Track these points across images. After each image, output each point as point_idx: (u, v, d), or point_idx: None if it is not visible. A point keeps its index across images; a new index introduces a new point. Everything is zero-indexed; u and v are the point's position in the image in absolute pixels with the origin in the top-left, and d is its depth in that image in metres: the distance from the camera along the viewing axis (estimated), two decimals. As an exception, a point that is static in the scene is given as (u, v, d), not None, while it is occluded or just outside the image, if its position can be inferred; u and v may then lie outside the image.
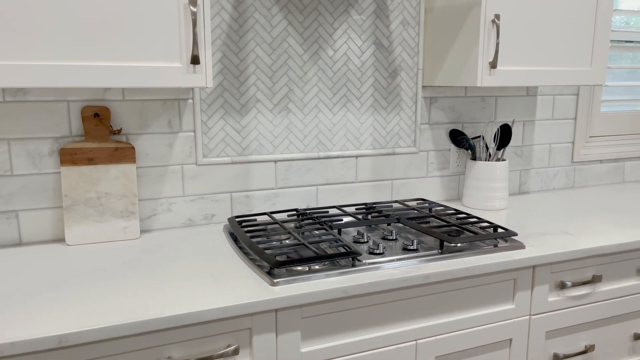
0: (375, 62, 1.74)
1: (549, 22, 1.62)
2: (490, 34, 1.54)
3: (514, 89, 2.00)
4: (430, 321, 1.30)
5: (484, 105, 1.95)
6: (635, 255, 1.54)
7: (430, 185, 1.92)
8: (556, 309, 1.45)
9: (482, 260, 1.32)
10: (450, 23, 1.66)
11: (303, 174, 1.71)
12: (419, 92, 1.83)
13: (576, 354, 1.50)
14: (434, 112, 1.87)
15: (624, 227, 1.61)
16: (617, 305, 1.54)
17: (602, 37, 1.70)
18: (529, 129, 2.06)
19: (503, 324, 1.39)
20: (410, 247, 1.37)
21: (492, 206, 1.82)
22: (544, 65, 1.65)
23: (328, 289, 1.15)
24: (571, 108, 2.12)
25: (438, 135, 1.90)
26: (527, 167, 2.09)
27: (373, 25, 1.72)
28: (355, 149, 1.77)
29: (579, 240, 1.49)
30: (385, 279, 1.21)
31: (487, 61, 1.55)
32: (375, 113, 1.78)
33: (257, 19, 1.58)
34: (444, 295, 1.31)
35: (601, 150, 2.22)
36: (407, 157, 1.86)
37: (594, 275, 1.49)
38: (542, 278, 1.42)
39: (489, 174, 1.80)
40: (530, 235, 1.53)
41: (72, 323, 0.97)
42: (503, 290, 1.38)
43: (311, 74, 1.67)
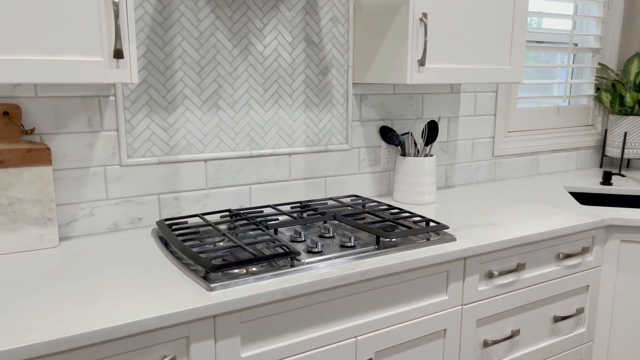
0: (306, 59, 1.73)
1: (473, 22, 1.68)
2: (418, 32, 1.57)
3: (439, 86, 2.06)
4: (369, 317, 1.31)
5: (412, 102, 1.99)
6: (554, 243, 1.64)
7: (362, 182, 1.93)
8: (485, 298, 1.51)
9: (417, 254, 1.35)
10: (379, 21, 1.68)
11: (235, 173, 1.66)
12: (350, 89, 1.83)
13: (503, 339, 1.57)
14: (365, 109, 1.89)
15: (543, 216, 1.71)
16: (539, 291, 1.63)
17: (519, 37, 1.80)
18: (454, 125, 2.13)
19: (438, 315, 1.42)
20: (348, 244, 1.37)
21: (422, 200, 1.86)
22: (469, 64, 1.71)
23: (268, 291, 1.12)
24: (491, 105, 2.22)
25: (369, 132, 1.92)
26: (453, 162, 2.16)
27: (303, 22, 1.70)
28: (288, 147, 1.75)
29: (504, 230, 1.56)
30: (325, 277, 1.19)
31: (416, 59, 1.58)
32: (308, 110, 1.76)
33: (183, 11, 1.51)
34: (382, 291, 1.32)
35: (518, 144, 2.35)
36: (339, 154, 1.86)
37: (518, 264, 1.56)
38: (473, 269, 1.47)
39: (417, 169, 1.84)
40: (459, 227, 1.58)
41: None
42: (437, 283, 1.42)
43: (241, 70, 1.62)
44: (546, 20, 2.44)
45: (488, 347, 1.56)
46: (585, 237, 1.72)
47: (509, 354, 1.61)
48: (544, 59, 2.50)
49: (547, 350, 1.70)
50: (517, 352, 1.63)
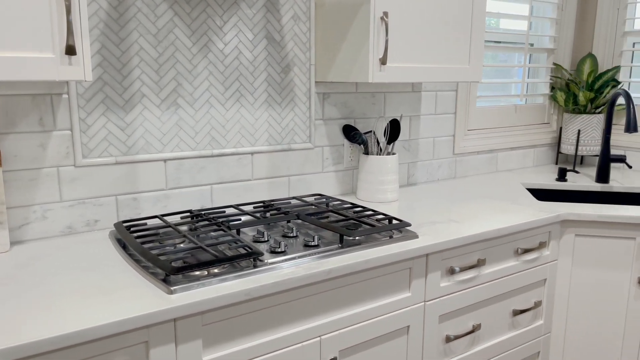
0: (267, 57, 1.71)
1: (433, 22, 1.70)
2: (379, 31, 1.58)
3: (401, 85, 2.08)
4: (333, 316, 1.31)
5: (374, 101, 2.00)
6: (512, 239, 1.68)
7: (326, 180, 1.93)
8: (447, 294, 1.54)
9: (380, 251, 1.35)
10: (340, 19, 1.68)
11: (196, 173, 1.63)
12: (312, 87, 1.83)
13: (465, 334, 1.60)
14: (328, 107, 1.88)
15: (502, 212, 1.75)
16: (499, 285, 1.67)
17: (478, 37, 1.83)
18: (415, 124, 2.16)
19: (401, 312, 1.43)
20: (312, 243, 1.36)
21: (385, 198, 1.87)
22: (429, 63, 1.73)
23: (230, 293, 1.10)
24: (451, 103, 2.26)
25: (332, 131, 1.91)
26: (415, 160, 2.19)
27: (264, 19, 1.68)
28: (250, 146, 1.73)
29: (464, 227, 1.58)
30: (288, 277, 1.18)
31: (378, 58, 1.59)
32: (270, 109, 1.75)
33: (140, 7, 1.47)
34: (345, 289, 1.32)
35: (478, 142, 2.40)
36: (303, 152, 1.85)
37: (479, 259, 1.59)
38: (435, 265, 1.49)
39: (380, 167, 1.85)
40: (422, 225, 1.60)
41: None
42: (400, 280, 1.43)
43: (201, 68, 1.59)
44: (504, 21, 2.49)
45: (450, 342, 1.58)
46: (542, 232, 1.77)
47: (471, 349, 1.64)
48: (502, 59, 2.56)
49: (507, 343, 1.74)
50: (478, 346, 1.66)
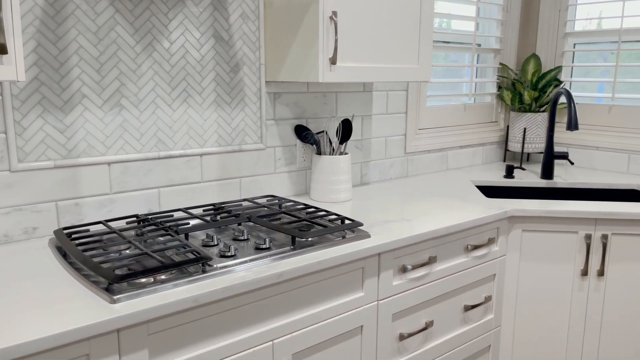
0: (215, 56, 1.67)
1: (382, 22, 1.71)
2: (329, 30, 1.57)
3: (352, 85, 2.08)
4: (286, 319, 1.29)
5: (326, 100, 2.00)
6: (462, 235, 1.71)
7: (279, 181, 1.91)
8: (400, 292, 1.55)
9: (333, 252, 1.35)
10: (290, 18, 1.66)
11: (142, 176, 1.57)
12: (263, 87, 1.80)
13: (418, 331, 1.61)
14: (279, 107, 1.86)
15: (452, 210, 1.78)
16: (450, 282, 1.69)
17: (426, 38, 1.85)
18: (367, 123, 2.17)
19: (354, 312, 1.43)
20: (263, 246, 1.34)
21: (338, 198, 1.87)
22: (379, 63, 1.73)
23: (177, 300, 1.06)
24: (402, 103, 2.28)
25: (284, 131, 1.89)
26: (367, 160, 2.20)
27: (211, 18, 1.64)
28: (199, 147, 1.68)
29: (416, 225, 1.60)
30: (238, 282, 1.16)
31: (327, 57, 1.58)
32: (219, 109, 1.71)
33: (78, 4, 1.40)
34: (298, 292, 1.30)
35: (428, 141, 2.43)
36: (254, 153, 1.82)
37: (430, 257, 1.61)
38: (387, 264, 1.49)
39: (333, 167, 1.85)
40: (374, 224, 1.60)
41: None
42: (353, 280, 1.42)
43: (145, 67, 1.53)
44: (455, 22, 2.54)
45: (404, 340, 1.59)
46: (491, 228, 1.81)
47: (424, 345, 1.66)
48: (453, 59, 2.61)
49: (459, 338, 1.77)
50: (431, 343, 1.68)
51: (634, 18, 2.41)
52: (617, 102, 2.50)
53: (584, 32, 2.59)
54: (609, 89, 2.53)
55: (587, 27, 2.61)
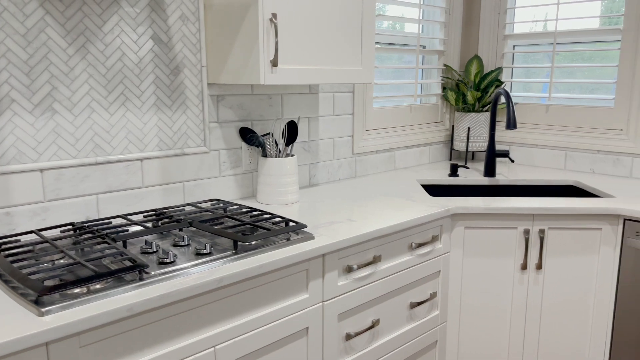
0: (154, 58, 1.64)
1: (324, 24, 1.72)
2: (269, 32, 1.56)
3: (298, 87, 2.08)
4: (229, 324, 1.28)
5: (271, 102, 1.99)
6: (406, 234, 1.74)
7: (224, 185, 1.89)
8: (345, 292, 1.56)
9: (276, 255, 1.34)
10: (230, 20, 1.65)
11: (78, 183, 1.52)
12: (205, 89, 1.78)
13: (365, 330, 1.63)
14: (223, 110, 1.84)
15: (397, 209, 1.81)
16: (396, 280, 1.72)
17: (368, 40, 1.88)
18: (314, 125, 2.17)
19: (299, 314, 1.43)
20: (203, 251, 1.32)
21: (285, 200, 1.87)
22: (322, 65, 1.74)
23: (110, 310, 1.03)
24: (349, 104, 2.30)
25: (228, 134, 1.88)
26: (315, 161, 2.20)
27: (149, 19, 1.61)
28: (139, 152, 1.64)
29: (360, 225, 1.61)
30: (176, 289, 1.13)
31: (269, 59, 1.58)
32: (160, 112, 1.67)
33: (6, 6, 1.34)
34: (241, 296, 1.29)
35: (376, 142, 2.46)
36: (197, 157, 1.79)
37: (374, 256, 1.63)
38: (332, 265, 1.50)
39: (279, 169, 1.84)
40: (319, 225, 1.61)
41: None
42: (297, 282, 1.42)
43: (79, 70, 1.48)
44: (401, 25, 2.58)
45: (351, 339, 1.61)
46: (434, 226, 1.85)
47: (371, 344, 1.68)
48: (407, 60, 2.65)
49: (406, 335, 1.80)
50: (378, 341, 1.70)
51: (569, 21, 2.52)
52: (554, 102, 2.60)
53: (522, 34, 2.68)
54: (553, 88, 2.64)
55: (534, 29, 2.70)
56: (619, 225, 1.87)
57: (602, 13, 2.43)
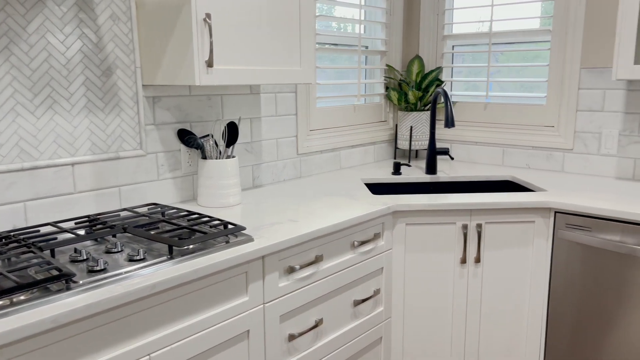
0: (84, 59, 1.58)
1: (261, 24, 1.71)
2: (203, 33, 1.54)
3: (238, 87, 2.06)
4: (165, 331, 1.25)
5: (211, 104, 1.96)
6: (348, 232, 1.75)
7: (163, 188, 1.85)
8: (287, 293, 1.55)
9: (213, 259, 1.32)
10: (163, 20, 1.61)
11: (4, 190, 1.45)
12: (140, 91, 1.73)
13: (308, 330, 1.63)
14: (159, 112, 1.80)
15: (339, 208, 1.82)
16: (338, 279, 1.73)
17: (308, 40, 1.88)
18: (256, 126, 2.16)
19: (239, 317, 1.42)
20: (137, 257, 1.28)
21: (227, 203, 1.85)
22: (260, 65, 1.73)
23: (33, 322, 0.99)
24: (292, 105, 2.30)
25: (166, 136, 1.83)
26: (259, 162, 2.19)
27: (77, 19, 1.55)
28: (70, 156, 1.58)
29: (303, 225, 1.61)
30: (105, 297, 1.10)
31: (204, 60, 1.55)
32: (91, 115, 1.62)
33: None
34: (178, 301, 1.27)
35: (321, 142, 2.47)
36: (133, 160, 1.75)
37: (316, 256, 1.64)
38: (272, 266, 1.49)
39: (220, 171, 1.82)
40: (260, 227, 1.60)
41: None
42: (236, 285, 1.41)
43: (2, 73, 1.41)
44: (344, 25, 2.60)
45: (294, 340, 1.60)
46: (376, 224, 1.87)
47: (315, 343, 1.68)
48: (349, 61, 2.67)
49: (351, 333, 1.81)
50: (322, 340, 1.71)
51: (505, 22, 2.61)
52: (491, 100, 2.69)
53: (460, 34, 2.76)
54: (497, 88, 2.72)
55: (481, 29, 2.78)
56: (551, 217, 1.95)
57: (536, 15, 2.54)
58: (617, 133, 2.30)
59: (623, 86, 2.27)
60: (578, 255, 1.90)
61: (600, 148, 2.36)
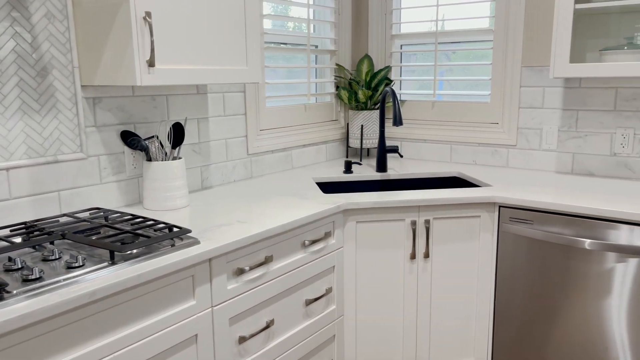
0: (17, 59, 1.51)
1: (205, 23, 1.68)
2: (143, 31, 1.50)
3: (184, 87, 2.02)
4: (107, 339, 1.21)
5: (155, 104, 1.92)
6: (298, 232, 1.75)
7: (107, 192, 1.79)
8: (236, 295, 1.54)
9: (157, 263, 1.29)
10: (101, 19, 1.56)
11: None
12: (79, 92, 1.67)
13: (259, 331, 1.62)
14: (100, 113, 1.74)
15: (289, 208, 1.82)
16: (289, 279, 1.73)
17: (253, 39, 1.86)
18: (204, 126, 2.12)
19: (186, 321, 1.39)
20: (75, 264, 1.24)
21: (174, 205, 1.81)
22: (205, 64, 1.70)
23: (-42, 337, 0.94)
24: (240, 104, 2.28)
25: (109, 138, 1.78)
26: (207, 163, 2.16)
27: (9, 17, 1.48)
28: (4, 161, 1.51)
29: (251, 226, 1.60)
30: (40, 306, 1.05)
31: (145, 60, 1.51)
32: (26, 117, 1.55)
33: None
34: (122, 308, 1.23)
35: (271, 141, 2.46)
36: (74, 164, 1.68)
37: (266, 257, 1.63)
38: (219, 269, 1.47)
39: (166, 173, 1.78)
40: (207, 229, 1.57)
41: None
42: (183, 289, 1.38)
43: None
44: (291, 24, 2.60)
45: (245, 342, 1.59)
46: (327, 222, 1.88)
47: (267, 345, 1.67)
48: (302, 60, 2.66)
49: (303, 332, 1.81)
50: (274, 341, 1.70)
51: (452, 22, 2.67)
52: (439, 99, 2.75)
53: (407, 34, 2.81)
54: (448, 86, 2.78)
55: (433, 28, 2.83)
56: (495, 212, 2.01)
57: (483, 15, 2.61)
58: (557, 129, 2.40)
59: (561, 84, 2.37)
60: (522, 247, 1.97)
61: (542, 143, 2.45)
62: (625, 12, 2.17)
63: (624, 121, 2.24)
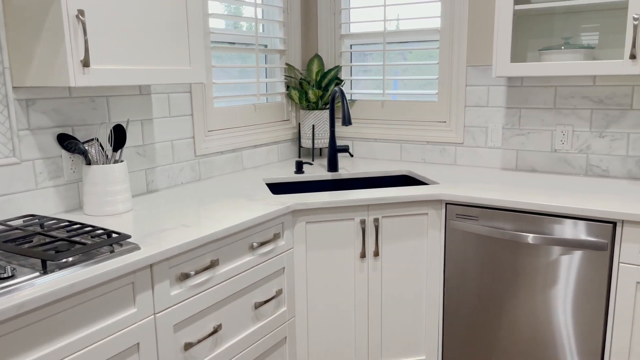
0: (-61, 59, 1.42)
1: (144, 23, 1.63)
2: (77, 30, 1.44)
3: (126, 88, 1.96)
4: (40, 352, 1.15)
5: (95, 106, 1.85)
6: (245, 234, 1.72)
7: (43, 198, 1.71)
8: (181, 301, 1.50)
9: (93, 271, 1.24)
10: (32, 17, 1.49)
11: None
12: (10, 93, 1.59)
13: (206, 337, 1.58)
14: (34, 115, 1.67)
15: (236, 210, 1.79)
16: (237, 282, 1.70)
17: (196, 38, 1.82)
18: (148, 128, 2.07)
19: (127, 330, 1.34)
20: (3, 275, 1.17)
21: (115, 210, 1.75)
22: (146, 64, 1.65)
23: None
24: (187, 105, 2.23)
25: (44, 141, 1.70)
26: (152, 166, 2.10)
27: None
28: None
29: (195, 230, 1.56)
30: (-40, 322, 0.99)
31: (79, 59, 1.46)
32: (-49, 121, 1.46)
33: None
34: (57, 318, 1.18)
35: (220, 142, 2.42)
36: (6, 169, 1.60)
37: (211, 260, 1.59)
38: (161, 274, 1.43)
39: (106, 177, 1.72)
40: (149, 234, 1.53)
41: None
42: (122, 297, 1.33)
43: None
44: (239, 23, 2.56)
45: (191, 348, 1.55)
46: (276, 223, 1.86)
47: (215, 350, 1.64)
48: (251, 60, 2.63)
49: (253, 336, 1.79)
50: (223, 346, 1.67)
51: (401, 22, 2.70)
52: (388, 98, 2.78)
53: (356, 34, 2.82)
54: (402, 85, 2.80)
55: (388, 28, 2.84)
56: (442, 209, 2.04)
57: (432, 15, 2.64)
58: (501, 127, 2.46)
59: (504, 83, 2.43)
60: (469, 243, 2.01)
61: (487, 141, 2.51)
62: (564, 12, 2.24)
63: (563, 118, 2.32)
